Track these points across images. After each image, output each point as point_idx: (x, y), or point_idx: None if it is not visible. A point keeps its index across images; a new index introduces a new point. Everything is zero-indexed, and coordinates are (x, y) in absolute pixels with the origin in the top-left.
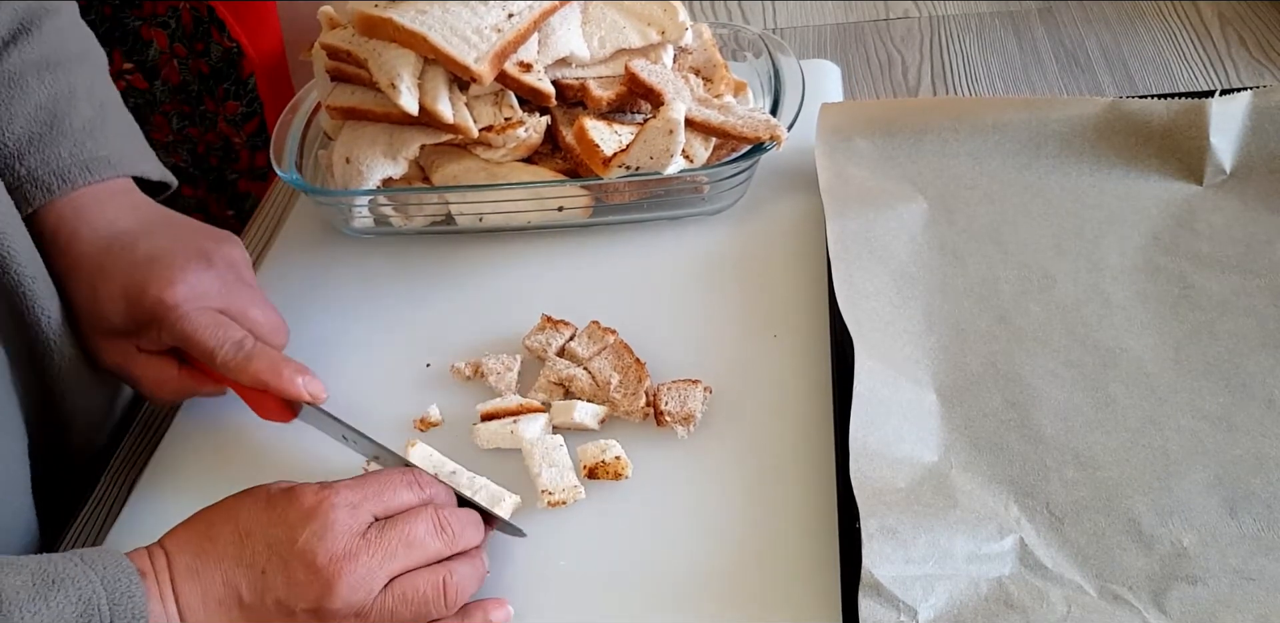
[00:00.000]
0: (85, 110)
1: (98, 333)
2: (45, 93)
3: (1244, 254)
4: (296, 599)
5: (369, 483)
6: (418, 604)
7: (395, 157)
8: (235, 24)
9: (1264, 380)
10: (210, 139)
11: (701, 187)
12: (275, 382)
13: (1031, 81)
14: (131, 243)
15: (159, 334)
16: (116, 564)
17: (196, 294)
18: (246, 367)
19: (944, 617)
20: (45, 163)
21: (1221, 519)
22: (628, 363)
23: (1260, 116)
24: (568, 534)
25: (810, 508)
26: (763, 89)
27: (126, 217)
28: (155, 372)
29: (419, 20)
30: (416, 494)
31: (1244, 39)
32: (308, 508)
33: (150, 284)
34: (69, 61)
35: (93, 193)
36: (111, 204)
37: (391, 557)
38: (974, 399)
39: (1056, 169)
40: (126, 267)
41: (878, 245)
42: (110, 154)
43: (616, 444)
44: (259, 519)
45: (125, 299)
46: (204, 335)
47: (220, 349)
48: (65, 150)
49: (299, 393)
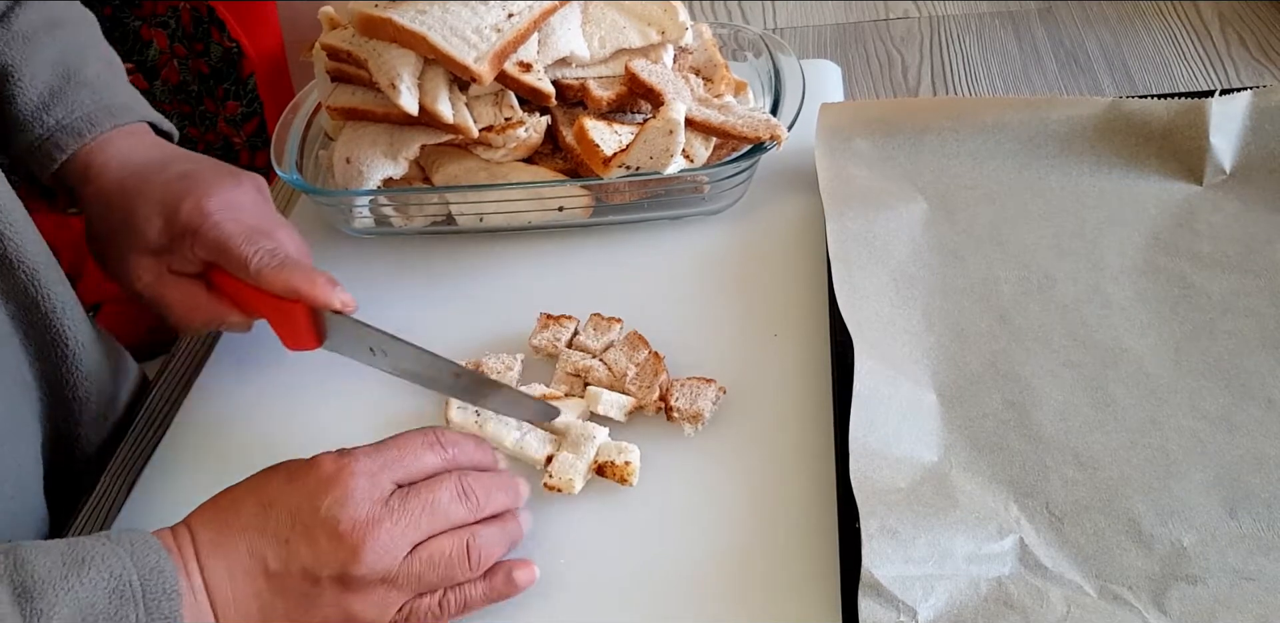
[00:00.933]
0: (95, 64)
1: (133, 253)
2: (58, 48)
3: (1244, 254)
4: (322, 567)
5: (388, 448)
6: (443, 568)
7: (396, 157)
8: (235, 24)
9: (1264, 380)
10: (210, 139)
11: (702, 186)
12: (309, 289)
13: (1031, 81)
14: (163, 166)
15: (193, 247)
16: (144, 542)
17: (230, 206)
18: (279, 274)
19: (944, 617)
20: (71, 111)
21: (1221, 519)
22: (644, 355)
23: (1260, 116)
24: (568, 532)
25: (810, 508)
26: (763, 89)
27: (153, 151)
28: (185, 295)
29: (419, 20)
30: (438, 455)
31: (1244, 39)
32: (327, 476)
33: (186, 196)
34: (71, 21)
35: (118, 134)
36: (137, 142)
37: (415, 525)
38: (974, 399)
39: (1056, 169)
40: (161, 184)
41: (878, 245)
42: (126, 101)
43: (636, 451)
44: (281, 490)
45: (162, 213)
46: (238, 242)
47: (255, 257)
48: (87, 98)
49: (330, 300)
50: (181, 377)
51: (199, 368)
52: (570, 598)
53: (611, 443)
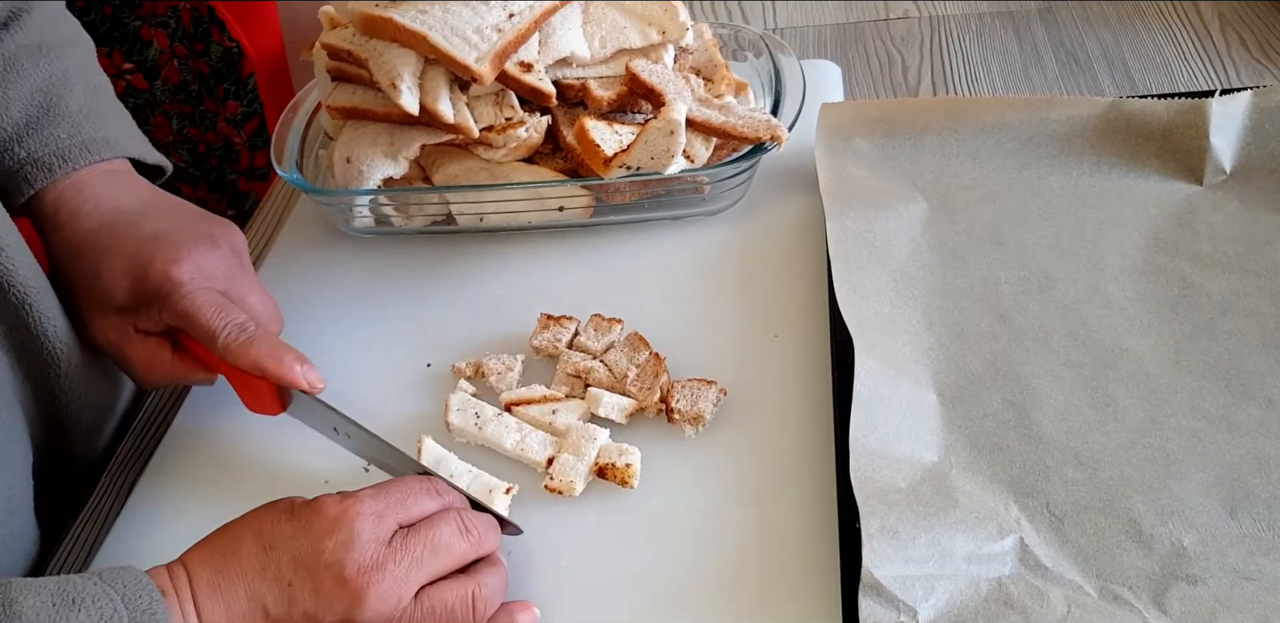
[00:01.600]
0: (80, 94)
1: (96, 310)
2: (40, 76)
3: (1244, 254)
4: (325, 611)
5: (391, 491)
6: (446, 618)
7: (396, 156)
8: (235, 24)
9: (1264, 380)
10: (210, 139)
11: (702, 187)
12: (275, 368)
13: (1031, 81)
14: (136, 221)
15: (160, 312)
16: (136, 582)
17: (201, 274)
18: (247, 351)
19: (944, 617)
20: (45, 144)
21: (1221, 519)
22: (645, 356)
23: (1260, 116)
24: (568, 533)
25: (810, 508)
26: (763, 89)
27: (128, 196)
28: (149, 354)
29: (419, 20)
30: (437, 501)
31: (1244, 39)
32: (332, 518)
33: (156, 260)
34: (60, 46)
35: (93, 173)
36: (113, 184)
37: (419, 564)
38: (974, 399)
39: (1056, 169)
40: (132, 243)
41: (878, 245)
42: (108, 135)
43: (638, 454)
44: (282, 532)
45: (129, 275)
46: (206, 315)
47: (222, 331)
48: (64, 131)
49: (296, 380)
50: (173, 391)
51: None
52: (570, 598)
53: (612, 445)
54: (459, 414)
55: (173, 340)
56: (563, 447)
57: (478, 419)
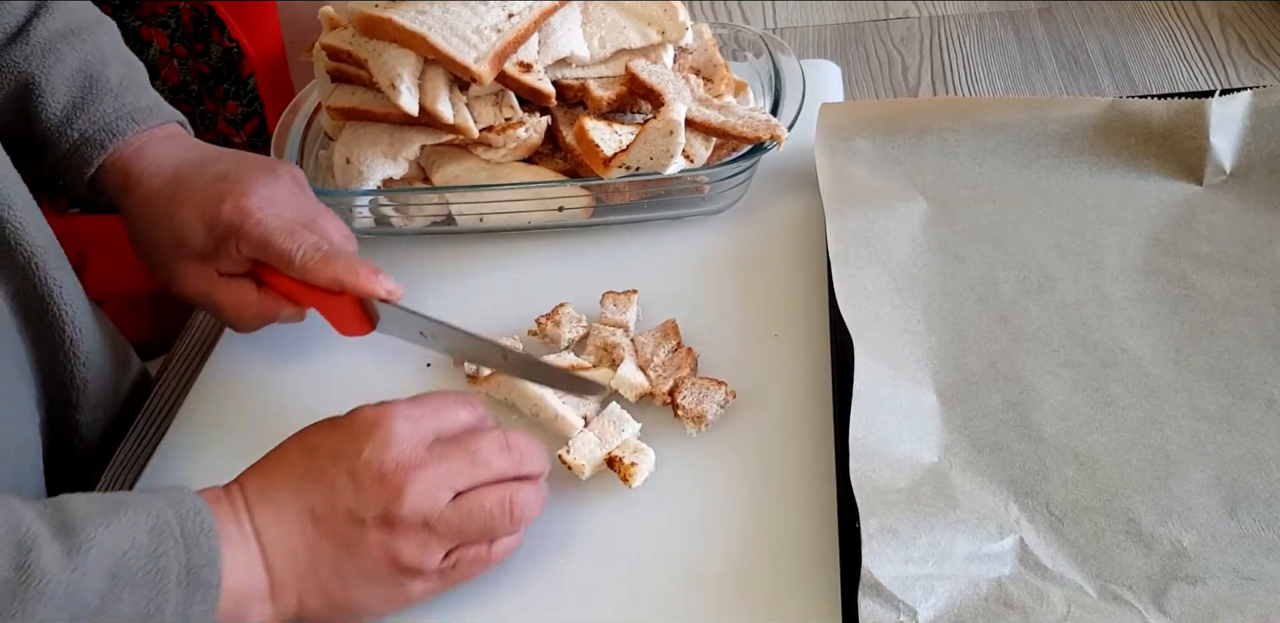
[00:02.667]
0: (118, 68)
1: (180, 261)
2: (78, 57)
3: (1244, 254)
4: (366, 508)
5: (425, 401)
6: (483, 520)
7: (396, 157)
8: (235, 24)
9: (1264, 380)
10: (210, 139)
11: (702, 186)
12: (352, 280)
13: (1031, 81)
14: (198, 168)
15: (237, 247)
16: (178, 491)
17: (270, 202)
18: (324, 268)
19: (944, 617)
20: (93, 122)
21: (1221, 519)
22: (673, 345)
23: (1260, 116)
24: (568, 531)
25: (810, 508)
26: (763, 89)
27: (186, 152)
28: (236, 296)
29: (419, 20)
30: (471, 413)
31: (1244, 39)
32: (369, 422)
33: (225, 197)
34: (90, 27)
35: (146, 138)
36: (168, 145)
37: (457, 472)
38: (974, 399)
39: (1056, 169)
40: (199, 188)
41: (878, 245)
42: (150, 103)
43: (651, 458)
44: (324, 439)
45: (202, 217)
46: (281, 238)
47: (298, 251)
48: (109, 106)
49: (374, 289)
50: (183, 375)
51: (200, 366)
52: (570, 598)
53: (634, 441)
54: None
55: (256, 280)
56: (592, 424)
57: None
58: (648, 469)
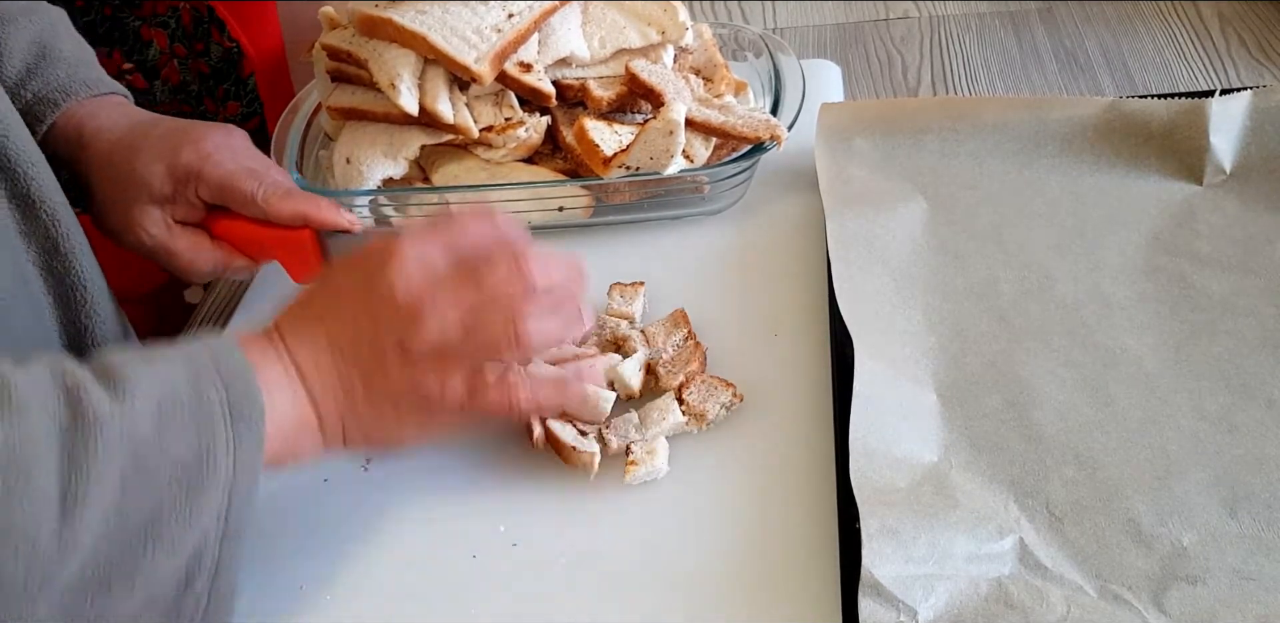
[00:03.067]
0: (69, 43)
1: (136, 206)
2: (34, 28)
3: (1244, 254)
4: (384, 338)
5: (439, 223)
6: (489, 346)
7: (395, 157)
8: (235, 24)
9: (1264, 381)
10: None
11: (702, 186)
12: (315, 212)
13: (1031, 81)
14: (154, 124)
15: (197, 189)
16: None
17: (227, 149)
18: (287, 202)
19: (944, 617)
20: (47, 84)
21: (1221, 519)
22: (683, 334)
23: (1260, 116)
24: (567, 530)
25: (810, 508)
26: (763, 89)
27: (140, 114)
28: (191, 243)
29: (419, 20)
30: (490, 227)
31: (1244, 39)
32: (382, 251)
33: (184, 142)
34: (43, 9)
35: (103, 102)
36: (120, 109)
37: (465, 302)
38: (974, 399)
39: (1056, 169)
40: (157, 137)
41: (878, 245)
42: (101, 76)
43: (663, 456)
44: (344, 278)
45: (162, 159)
46: (241, 177)
47: (260, 189)
48: (62, 72)
49: (337, 220)
50: None
51: None
52: (569, 597)
53: (661, 441)
54: None
55: (209, 232)
56: (635, 406)
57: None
58: (648, 472)
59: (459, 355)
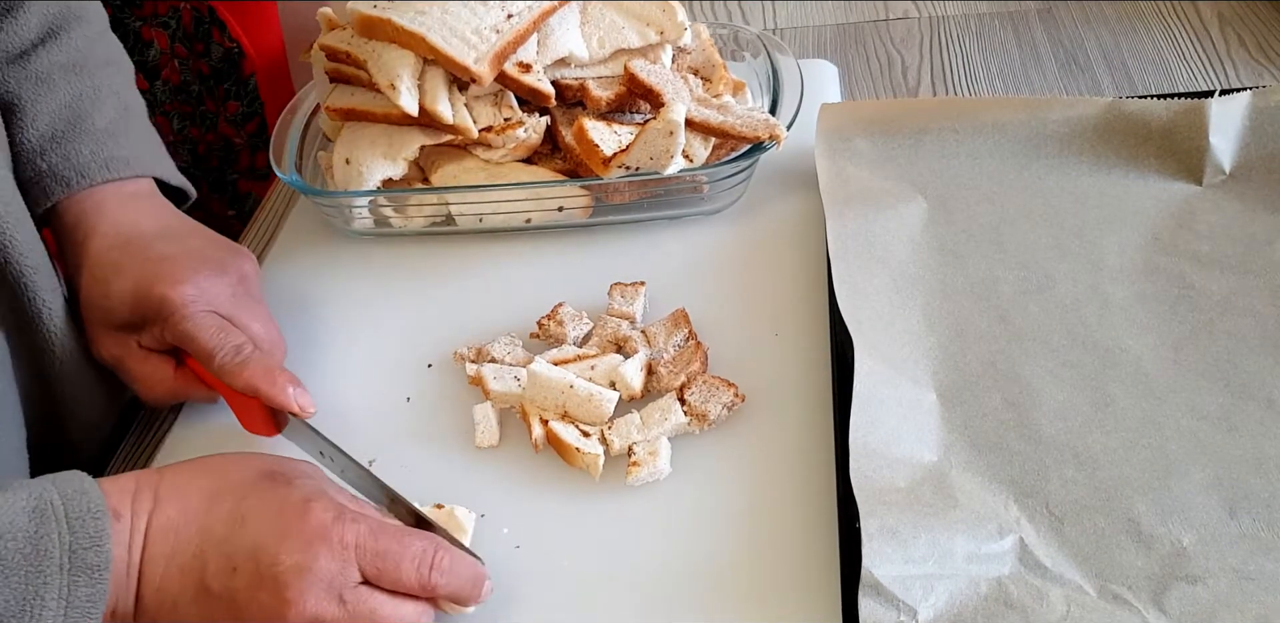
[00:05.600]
0: (109, 112)
1: (102, 326)
2: (70, 93)
3: (1244, 254)
4: (249, 613)
5: (384, 539)
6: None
7: (395, 157)
8: (236, 24)
9: (1264, 381)
10: (211, 139)
11: (701, 186)
12: (268, 389)
13: (1031, 82)
14: (149, 242)
15: (161, 331)
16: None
17: (204, 297)
18: (241, 372)
19: (944, 617)
20: (66, 159)
21: (1221, 519)
22: (684, 334)
23: (1260, 117)
24: (567, 530)
25: (810, 508)
26: (761, 89)
27: (147, 219)
28: (151, 369)
29: (418, 21)
30: (417, 577)
31: (1244, 39)
32: (310, 534)
33: (160, 281)
34: (96, 66)
35: (114, 191)
36: (133, 205)
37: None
38: (974, 399)
39: (1056, 169)
40: (140, 263)
41: (878, 245)
42: (130, 155)
43: (664, 460)
44: (263, 514)
45: (134, 294)
46: (205, 336)
47: (219, 351)
48: (86, 148)
49: (287, 402)
50: None
51: None
52: (569, 597)
53: (663, 441)
54: (497, 382)
55: (176, 358)
56: (636, 406)
57: (519, 382)
58: (651, 473)
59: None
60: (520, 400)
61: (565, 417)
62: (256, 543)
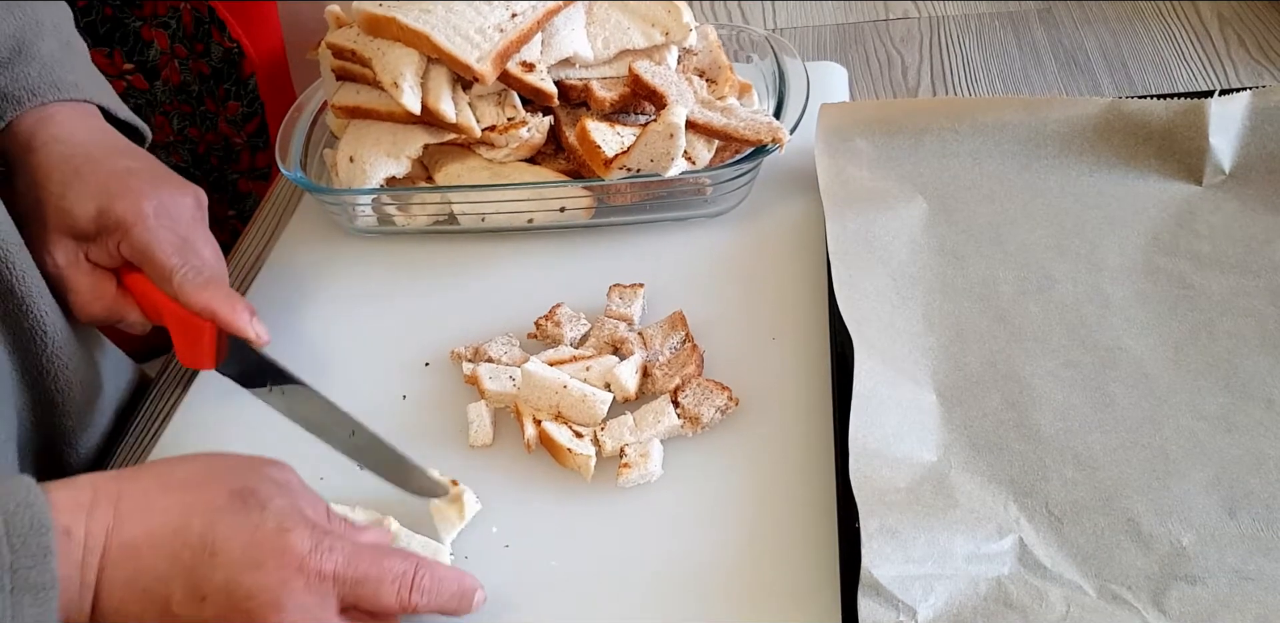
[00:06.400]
0: (52, 43)
1: (54, 232)
2: (13, 23)
3: (1243, 254)
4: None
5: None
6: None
7: (398, 156)
8: (236, 24)
9: (1263, 380)
10: (211, 139)
11: (704, 188)
12: (227, 313)
13: (1031, 82)
14: (110, 155)
15: (118, 243)
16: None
17: (167, 213)
18: (201, 292)
19: (943, 617)
20: (14, 81)
21: (1220, 519)
22: (681, 337)
23: (1259, 117)
24: (565, 530)
25: (810, 508)
26: (768, 91)
27: (103, 134)
28: (94, 284)
29: (422, 19)
30: (399, 600)
31: (1243, 39)
32: (288, 570)
33: (126, 193)
34: (35, 6)
35: (66, 110)
36: (88, 123)
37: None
38: (973, 399)
39: (1056, 169)
40: (104, 173)
41: (878, 245)
42: (78, 80)
43: (655, 462)
44: (234, 546)
45: (96, 201)
46: (166, 252)
47: (180, 269)
48: (34, 70)
49: (244, 328)
50: (183, 375)
51: None
52: (556, 597)
53: (655, 443)
54: (493, 381)
55: (118, 278)
56: (631, 408)
57: (514, 381)
58: (642, 475)
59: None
60: (515, 400)
61: (559, 417)
62: (228, 577)
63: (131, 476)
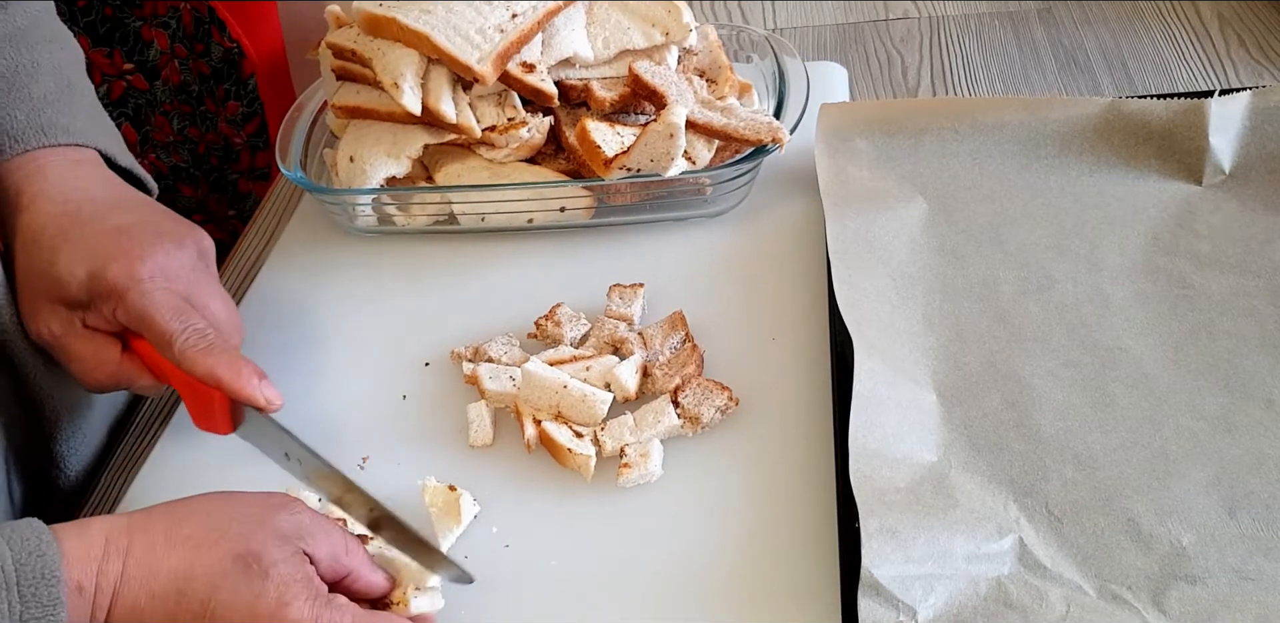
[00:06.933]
0: (48, 84)
1: (45, 299)
2: (6, 64)
3: (1243, 254)
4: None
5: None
6: None
7: (399, 156)
8: (236, 24)
9: (1263, 380)
10: (211, 139)
11: (704, 188)
12: (232, 380)
13: (1031, 82)
14: (102, 212)
15: (114, 310)
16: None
17: (164, 274)
18: (204, 359)
19: (943, 617)
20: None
21: (1220, 519)
22: (681, 337)
23: (1259, 116)
24: (565, 530)
25: (810, 508)
26: (768, 91)
27: (96, 188)
28: (95, 351)
29: (422, 20)
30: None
31: (1243, 39)
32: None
33: (118, 255)
34: (37, 42)
35: (57, 159)
36: (79, 173)
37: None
38: (973, 399)
39: (1056, 169)
40: (94, 235)
41: (878, 245)
42: (70, 124)
43: (655, 462)
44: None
45: (87, 267)
46: (165, 317)
47: (180, 335)
48: (21, 114)
49: (253, 395)
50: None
51: None
52: (556, 597)
53: (655, 443)
54: (493, 381)
55: (123, 341)
56: (630, 408)
57: (514, 381)
58: (641, 475)
59: None
60: (515, 400)
61: (559, 417)
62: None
63: (142, 525)
